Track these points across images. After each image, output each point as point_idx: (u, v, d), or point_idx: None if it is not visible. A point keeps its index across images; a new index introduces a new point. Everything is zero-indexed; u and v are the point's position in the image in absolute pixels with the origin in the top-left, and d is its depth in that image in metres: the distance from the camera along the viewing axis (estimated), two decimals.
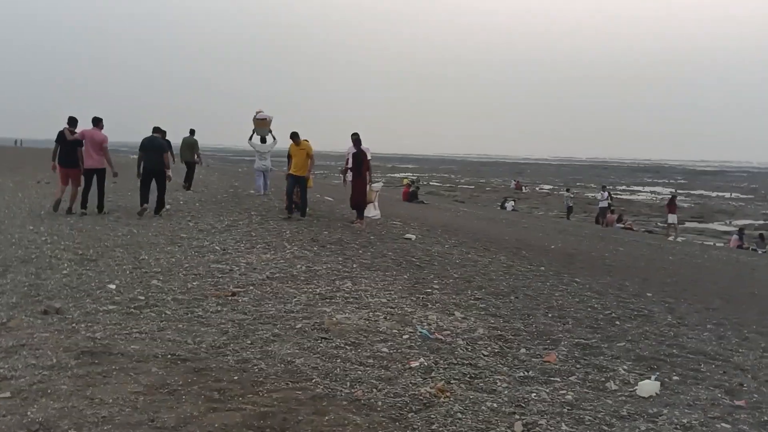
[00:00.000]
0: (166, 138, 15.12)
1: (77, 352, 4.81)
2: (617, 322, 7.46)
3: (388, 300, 7.33)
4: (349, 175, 13.65)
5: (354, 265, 9.21)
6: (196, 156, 19.67)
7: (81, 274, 7.64)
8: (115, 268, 8.11)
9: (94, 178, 13.11)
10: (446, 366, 5.24)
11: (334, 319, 6.28)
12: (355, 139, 13.31)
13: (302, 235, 11.44)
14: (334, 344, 5.54)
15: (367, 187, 13.65)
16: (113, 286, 7.10)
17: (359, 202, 13.49)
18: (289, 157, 13.87)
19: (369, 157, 13.79)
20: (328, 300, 7.10)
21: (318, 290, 7.53)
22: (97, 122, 13.23)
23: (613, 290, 9.60)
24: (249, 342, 5.43)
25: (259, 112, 17.81)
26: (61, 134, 12.97)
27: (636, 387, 5.08)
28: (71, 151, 12.97)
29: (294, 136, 13.71)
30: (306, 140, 15.03)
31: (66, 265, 8.12)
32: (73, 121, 13.15)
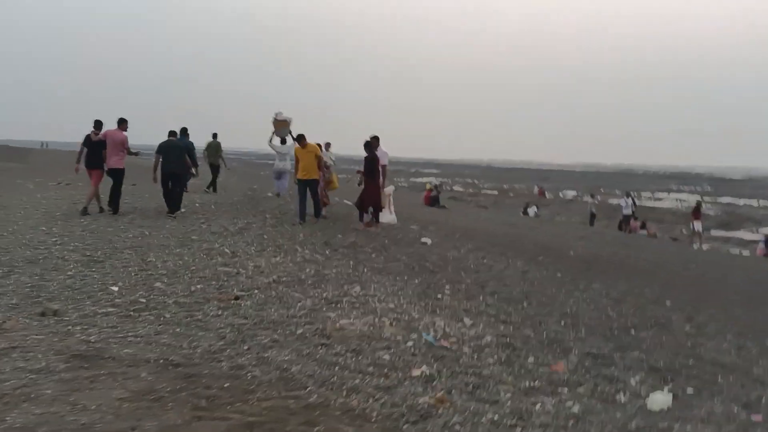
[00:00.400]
0: (189, 139, 15.43)
1: (68, 356, 4.69)
2: (632, 331, 7.21)
3: (396, 305, 7.15)
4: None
5: (365, 270, 9.04)
6: (220, 159, 20.29)
7: (85, 276, 7.56)
8: (120, 270, 8.02)
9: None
10: (449, 375, 5.04)
11: (337, 324, 6.11)
12: (366, 143, 13.20)
13: (315, 239, 11.30)
14: (334, 351, 5.37)
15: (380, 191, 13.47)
16: (116, 288, 7.00)
17: (373, 204, 13.28)
18: (297, 161, 13.57)
19: (385, 162, 13.63)
20: (333, 305, 6.93)
21: (325, 295, 7.37)
22: (120, 123, 13.65)
23: (631, 297, 9.32)
24: (246, 347, 5.27)
25: (279, 113, 17.87)
26: (87, 137, 13.35)
27: (647, 399, 4.85)
28: (95, 152, 13.31)
29: (300, 138, 13.44)
30: (329, 143, 14.93)
31: (72, 266, 8.05)
32: (98, 124, 13.54)
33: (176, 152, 13.60)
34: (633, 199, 30.75)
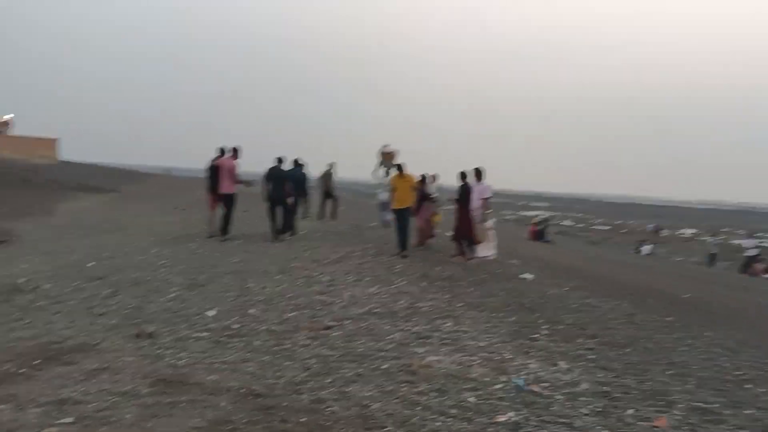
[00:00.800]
0: (303, 169, 16.51)
1: (154, 380, 4.78)
2: (748, 386, 6.60)
3: (488, 344, 6.89)
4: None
5: (459, 304, 8.83)
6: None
7: (185, 299, 7.78)
8: (219, 294, 8.21)
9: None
10: (537, 423, 4.75)
11: (424, 361, 5.94)
12: (462, 173, 13.40)
13: (413, 270, 11.19)
14: (418, 389, 5.20)
15: (480, 225, 13.35)
16: (212, 313, 7.15)
17: (464, 235, 13.27)
18: (394, 190, 13.60)
19: (488, 195, 13.50)
20: (423, 340, 6.77)
21: (415, 329, 7.22)
22: (233, 151, 14.29)
23: (749, 348, 8.59)
24: (329, 381, 5.20)
25: (386, 145, 18.21)
26: (209, 164, 14.17)
27: None
28: (213, 178, 14.04)
29: (399, 167, 13.58)
30: (435, 175, 15.17)
31: (174, 289, 8.32)
32: (220, 151, 14.31)
33: (279, 180, 14.01)
34: (758, 240, 28.87)
